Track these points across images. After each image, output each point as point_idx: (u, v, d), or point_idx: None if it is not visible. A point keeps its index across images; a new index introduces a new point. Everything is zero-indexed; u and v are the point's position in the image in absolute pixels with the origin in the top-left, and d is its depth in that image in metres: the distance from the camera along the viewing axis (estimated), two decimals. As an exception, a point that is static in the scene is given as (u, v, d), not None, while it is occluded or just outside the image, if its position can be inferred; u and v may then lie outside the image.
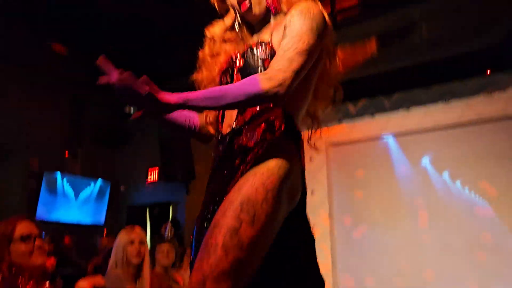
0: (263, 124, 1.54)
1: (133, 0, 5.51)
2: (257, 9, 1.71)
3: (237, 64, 1.68)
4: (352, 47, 5.44)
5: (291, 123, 1.56)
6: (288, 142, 1.55)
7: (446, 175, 6.30)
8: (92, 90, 7.51)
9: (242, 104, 1.47)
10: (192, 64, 1.89)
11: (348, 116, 6.97)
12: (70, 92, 7.43)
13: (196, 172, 7.34)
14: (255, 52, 1.63)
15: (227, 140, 1.61)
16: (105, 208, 7.89)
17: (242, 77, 1.58)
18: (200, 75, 1.85)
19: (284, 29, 1.56)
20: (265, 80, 1.40)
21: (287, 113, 1.56)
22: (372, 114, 6.82)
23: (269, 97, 1.41)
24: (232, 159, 1.55)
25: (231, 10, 1.81)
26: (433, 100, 6.35)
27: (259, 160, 1.47)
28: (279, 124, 1.54)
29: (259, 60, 1.60)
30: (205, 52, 1.85)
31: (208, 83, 1.81)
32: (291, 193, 1.50)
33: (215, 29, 1.85)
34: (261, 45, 1.63)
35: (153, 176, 8.00)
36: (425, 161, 6.47)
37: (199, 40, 1.87)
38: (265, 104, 1.52)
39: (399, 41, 5.30)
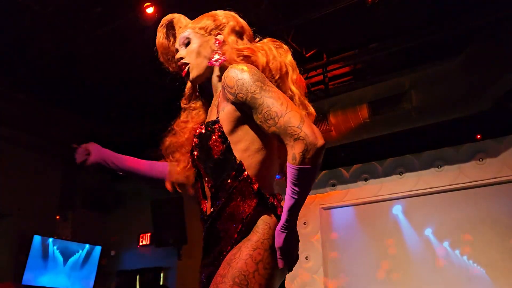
0: (237, 204, 1.53)
1: (126, 68, 5.65)
2: (195, 73, 1.71)
3: (195, 152, 1.67)
4: (344, 113, 5.54)
5: (263, 198, 1.53)
6: (266, 215, 1.52)
7: (437, 239, 6.29)
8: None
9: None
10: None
11: (342, 181, 7.00)
12: (62, 155, 7.43)
13: (188, 237, 7.23)
14: (205, 138, 1.60)
15: (209, 223, 1.59)
16: (95, 273, 7.68)
17: (201, 164, 1.63)
18: (169, 140, 1.84)
19: (236, 105, 1.53)
20: (305, 159, 1.37)
21: (257, 187, 1.53)
22: (365, 179, 6.86)
23: (319, 153, 1.38)
24: (218, 242, 1.55)
25: None
26: (426, 165, 6.42)
27: (241, 238, 1.48)
28: (250, 202, 1.52)
29: (209, 148, 1.58)
30: (178, 120, 1.86)
31: (175, 148, 1.82)
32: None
33: (185, 101, 1.87)
34: (209, 128, 1.59)
35: (144, 240, 7.86)
36: (417, 225, 6.46)
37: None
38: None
39: (390, 108, 5.40)
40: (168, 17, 1.84)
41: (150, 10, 4.55)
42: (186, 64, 1.70)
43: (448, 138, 6.24)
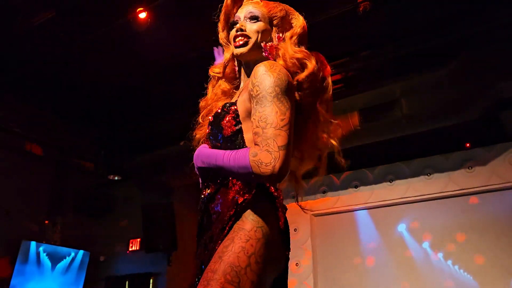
0: (233, 188, 1.52)
1: (119, 72, 5.65)
2: (248, 48, 1.70)
3: (207, 130, 1.68)
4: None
5: (262, 186, 1.52)
6: (262, 203, 1.51)
7: (427, 246, 6.31)
8: (75, 158, 7.53)
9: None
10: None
11: (332, 188, 7.02)
12: (53, 159, 7.38)
13: (179, 242, 7.20)
14: (219, 117, 1.62)
15: (203, 206, 1.60)
16: (83, 279, 7.62)
17: (210, 142, 1.63)
18: (198, 133, 1.85)
19: (250, 96, 1.54)
20: (256, 166, 1.38)
21: None
22: (356, 186, 6.88)
23: (265, 180, 1.41)
24: (209, 226, 1.53)
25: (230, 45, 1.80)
26: (416, 173, 6.46)
27: (234, 224, 1.45)
28: (250, 186, 1.50)
29: (220, 128, 1.60)
30: (204, 101, 1.87)
31: (201, 137, 1.82)
32: (273, 256, 1.45)
33: (216, 69, 1.88)
34: (225, 109, 1.62)
35: (134, 246, 7.82)
36: (407, 233, 6.49)
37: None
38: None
39: (381, 115, 5.43)
40: None
41: (142, 15, 4.55)
42: (247, 37, 1.71)
43: (438, 146, 6.29)
